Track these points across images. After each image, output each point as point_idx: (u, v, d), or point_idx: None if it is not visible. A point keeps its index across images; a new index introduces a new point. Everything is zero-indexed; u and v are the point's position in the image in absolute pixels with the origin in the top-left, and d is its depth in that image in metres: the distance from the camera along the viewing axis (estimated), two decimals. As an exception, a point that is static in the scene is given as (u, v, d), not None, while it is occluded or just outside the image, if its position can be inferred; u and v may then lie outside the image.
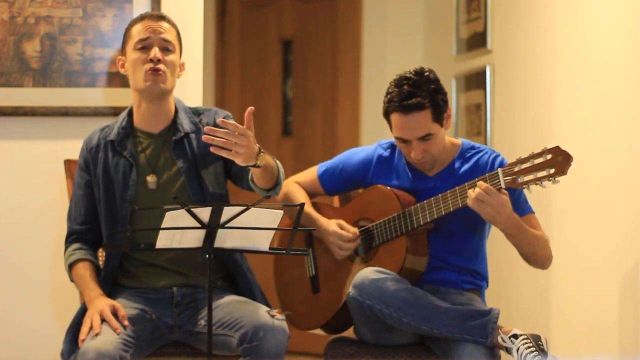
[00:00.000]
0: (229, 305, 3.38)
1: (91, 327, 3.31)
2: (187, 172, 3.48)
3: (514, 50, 4.72)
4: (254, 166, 3.21)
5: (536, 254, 3.42)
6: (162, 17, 3.55)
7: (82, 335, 3.31)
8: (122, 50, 3.56)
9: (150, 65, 3.45)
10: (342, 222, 3.62)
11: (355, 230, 3.59)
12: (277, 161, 3.41)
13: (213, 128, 3.13)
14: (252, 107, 3.16)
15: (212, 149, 3.14)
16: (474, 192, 3.29)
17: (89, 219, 3.56)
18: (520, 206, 3.45)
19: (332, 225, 3.62)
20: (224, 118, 3.52)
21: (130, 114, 3.57)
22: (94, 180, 3.55)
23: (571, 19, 4.16)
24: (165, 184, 3.49)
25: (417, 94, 3.42)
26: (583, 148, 3.92)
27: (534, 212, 3.50)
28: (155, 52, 3.46)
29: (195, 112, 3.59)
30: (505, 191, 3.32)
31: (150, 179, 3.49)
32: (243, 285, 3.54)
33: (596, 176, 3.85)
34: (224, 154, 3.14)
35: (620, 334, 3.71)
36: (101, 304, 3.37)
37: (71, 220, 3.60)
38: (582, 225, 4.02)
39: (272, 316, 3.29)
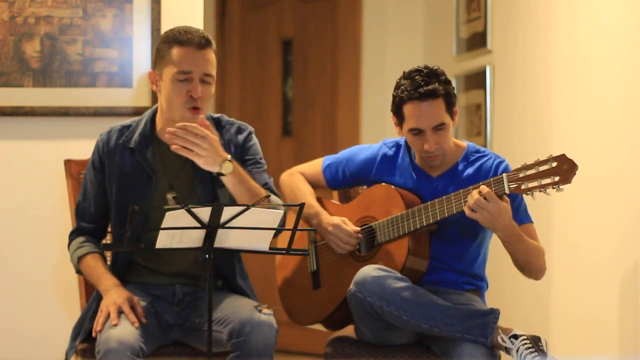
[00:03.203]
0: (221, 302, 3.39)
1: (108, 317, 3.32)
2: (203, 191, 3.44)
3: (514, 50, 4.72)
4: (219, 174, 3.28)
5: (531, 264, 3.42)
6: (206, 45, 3.37)
7: (98, 326, 3.30)
8: (157, 67, 3.42)
9: (191, 103, 3.35)
10: (346, 219, 3.62)
11: (357, 229, 3.60)
12: (273, 196, 3.41)
13: (173, 130, 3.21)
14: (203, 116, 3.27)
15: (172, 148, 3.24)
16: (472, 199, 3.29)
17: (99, 218, 3.54)
18: (520, 215, 3.45)
19: (336, 219, 3.62)
20: (246, 138, 3.49)
21: (153, 120, 3.49)
22: (107, 182, 3.50)
23: (571, 19, 4.16)
24: (183, 199, 3.43)
25: (430, 82, 3.44)
26: (583, 148, 3.92)
27: (532, 222, 3.49)
28: (198, 88, 3.35)
29: (218, 124, 3.51)
30: (507, 198, 3.32)
31: (170, 196, 3.45)
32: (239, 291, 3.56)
33: (596, 176, 3.85)
34: (183, 153, 3.25)
35: (620, 334, 3.71)
36: (120, 296, 3.36)
37: (79, 216, 3.55)
38: (582, 225, 4.02)
39: (260, 311, 3.30)
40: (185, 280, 3.50)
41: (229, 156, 3.29)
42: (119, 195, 3.47)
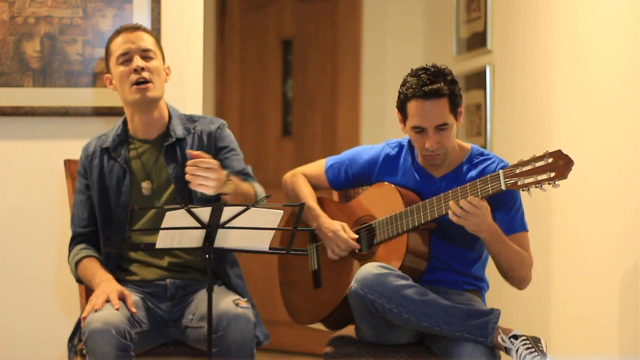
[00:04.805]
0: (204, 298, 3.40)
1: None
2: (176, 177, 3.54)
3: (514, 50, 4.72)
4: (222, 194, 3.37)
5: (513, 270, 3.42)
6: (138, 28, 3.61)
7: (84, 313, 3.33)
8: (107, 68, 3.64)
9: (136, 76, 3.52)
10: (345, 225, 3.62)
11: (354, 236, 3.60)
12: (256, 185, 3.53)
13: (191, 166, 3.28)
14: (195, 152, 3.35)
15: (190, 186, 3.32)
16: (465, 204, 3.29)
17: (92, 222, 3.62)
18: (517, 221, 3.45)
19: (336, 224, 3.63)
20: (219, 127, 3.63)
21: (125, 122, 3.64)
22: (91, 186, 3.60)
23: (571, 18, 4.16)
24: (159, 189, 3.56)
25: (436, 81, 3.43)
26: (583, 148, 3.92)
27: (527, 231, 3.49)
28: (137, 61, 3.53)
29: (190, 119, 3.66)
30: (485, 200, 3.33)
31: (145, 185, 3.56)
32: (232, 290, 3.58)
33: (596, 176, 3.85)
34: (197, 188, 3.32)
35: (620, 334, 3.71)
36: (110, 288, 3.40)
37: (74, 224, 3.64)
38: (582, 225, 4.02)
39: (237, 305, 3.30)
40: (178, 274, 3.51)
41: (227, 175, 3.37)
42: (100, 194, 3.57)
